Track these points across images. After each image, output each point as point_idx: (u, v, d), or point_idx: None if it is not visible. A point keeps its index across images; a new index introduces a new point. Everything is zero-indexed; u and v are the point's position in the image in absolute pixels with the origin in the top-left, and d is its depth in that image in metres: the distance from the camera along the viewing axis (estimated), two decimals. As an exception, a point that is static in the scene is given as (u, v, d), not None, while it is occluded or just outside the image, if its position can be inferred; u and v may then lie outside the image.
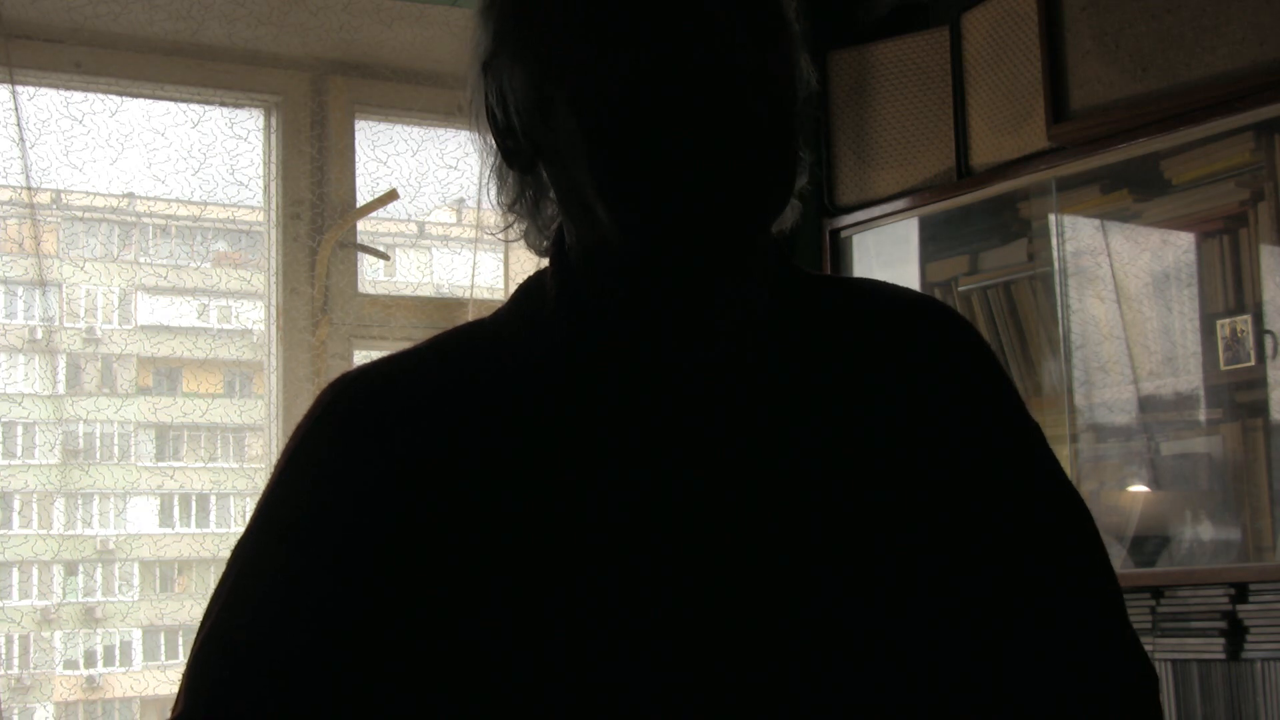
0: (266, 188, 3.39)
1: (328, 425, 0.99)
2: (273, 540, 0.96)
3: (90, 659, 3.25)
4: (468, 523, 0.94)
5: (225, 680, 0.92)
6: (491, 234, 1.08)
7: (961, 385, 1.02)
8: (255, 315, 3.42)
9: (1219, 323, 2.74)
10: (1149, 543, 2.86)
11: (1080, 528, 1.03)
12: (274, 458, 3.28)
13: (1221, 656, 2.61)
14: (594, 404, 0.97)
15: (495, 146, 1.02)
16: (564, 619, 0.91)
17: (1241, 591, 2.60)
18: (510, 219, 1.05)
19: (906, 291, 1.09)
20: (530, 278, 1.05)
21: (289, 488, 0.98)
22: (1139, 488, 2.92)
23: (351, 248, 3.43)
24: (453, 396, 0.98)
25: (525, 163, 1.01)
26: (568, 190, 0.98)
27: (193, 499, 3.40)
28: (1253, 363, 2.70)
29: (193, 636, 0.95)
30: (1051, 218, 3.03)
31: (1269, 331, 2.66)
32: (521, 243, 1.05)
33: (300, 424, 1.00)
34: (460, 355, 1.02)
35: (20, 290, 3.25)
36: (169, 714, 0.93)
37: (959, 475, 0.99)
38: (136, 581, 3.29)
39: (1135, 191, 2.92)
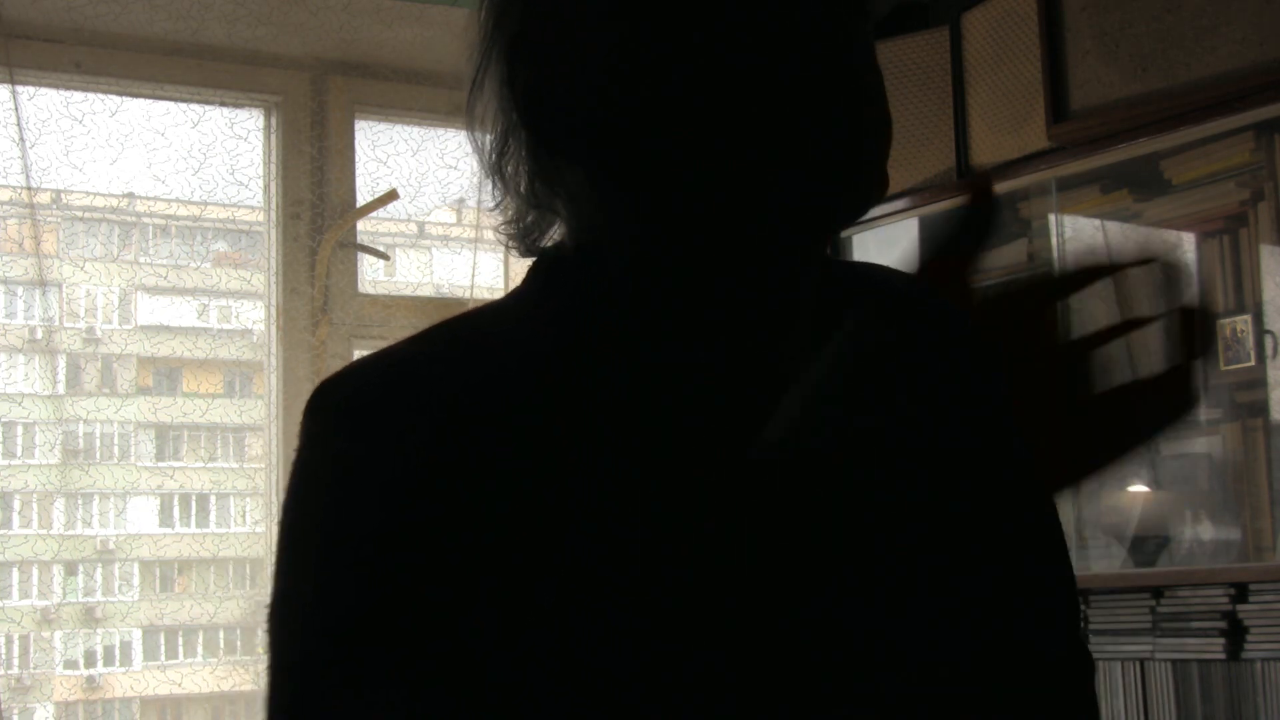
0: (266, 188, 3.39)
1: (333, 424, 0.98)
2: (300, 553, 0.96)
3: (90, 659, 3.25)
4: (467, 518, 0.94)
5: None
6: (493, 232, 1.05)
7: (960, 384, 1.02)
8: (255, 315, 3.42)
9: (1219, 323, 2.74)
10: (1149, 543, 2.86)
11: (1052, 529, 1.06)
12: (274, 458, 3.29)
13: (1221, 656, 2.61)
14: (594, 398, 0.97)
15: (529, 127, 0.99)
16: (564, 617, 0.91)
17: (1241, 591, 2.60)
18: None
19: (906, 285, 1.09)
20: (544, 259, 1.04)
21: (301, 499, 0.97)
22: (1139, 488, 2.92)
23: (351, 248, 3.43)
24: (457, 388, 0.98)
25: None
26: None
27: (193, 499, 3.40)
28: (1253, 363, 2.69)
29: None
30: (1051, 218, 3.03)
31: (1269, 331, 2.66)
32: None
33: (306, 426, 0.98)
34: (463, 344, 1.01)
35: (20, 290, 3.26)
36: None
37: (956, 475, 0.99)
38: (136, 581, 3.28)
39: (1135, 191, 2.92)
